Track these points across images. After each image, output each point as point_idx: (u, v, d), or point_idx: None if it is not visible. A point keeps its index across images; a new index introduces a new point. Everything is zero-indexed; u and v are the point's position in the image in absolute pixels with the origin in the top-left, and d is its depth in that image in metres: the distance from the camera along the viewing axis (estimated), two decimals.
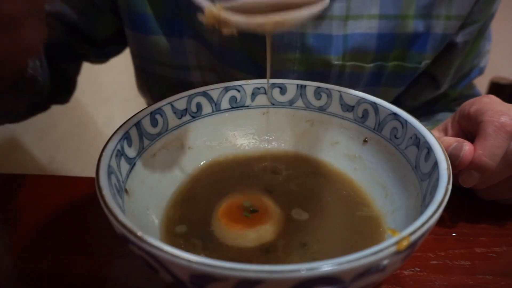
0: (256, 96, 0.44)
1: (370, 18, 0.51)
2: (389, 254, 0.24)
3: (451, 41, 0.56)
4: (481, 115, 0.39)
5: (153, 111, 0.39)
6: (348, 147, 0.42)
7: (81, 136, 1.07)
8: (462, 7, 0.52)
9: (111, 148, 0.33)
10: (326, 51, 0.52)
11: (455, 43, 0.56)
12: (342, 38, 0.52)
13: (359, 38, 0.52)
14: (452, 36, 0.55)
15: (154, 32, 0.55)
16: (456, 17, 0.52)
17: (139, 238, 0.25)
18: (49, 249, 0.39)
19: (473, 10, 0.53)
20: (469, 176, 0.38)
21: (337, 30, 0.51)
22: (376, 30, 0.52)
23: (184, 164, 0.41)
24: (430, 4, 0.51)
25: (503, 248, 0.39)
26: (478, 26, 0.55)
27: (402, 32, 0.52)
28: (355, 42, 0.52)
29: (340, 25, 0.51)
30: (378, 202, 0.38)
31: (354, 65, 0.54)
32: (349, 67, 0.54)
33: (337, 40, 0.52)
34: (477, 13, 0.54)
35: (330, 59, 0.52)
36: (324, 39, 0.51)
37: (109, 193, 0.29)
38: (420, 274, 0.36)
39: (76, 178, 0.48)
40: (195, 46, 0.55)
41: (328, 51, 0.52)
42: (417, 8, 0.51)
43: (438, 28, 0.52)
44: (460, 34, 0.55)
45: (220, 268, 0.23)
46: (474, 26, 0.55)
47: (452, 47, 0.56)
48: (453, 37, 0.55)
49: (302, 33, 0.51)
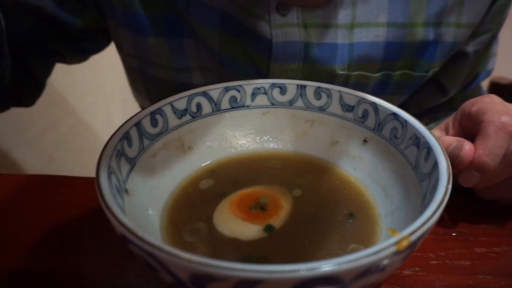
0: (256, 96, 0.44)
1: (377, 26, 0.49)
2: (389, 254, 0.24)
3: (462, 51, 0.54)
4: (482, 114, 0.39)
5: (153, 111, 0.39)
6: (348, 147, 0.42)
7: (81, 136, 1.07)
8: (473, 15, 0.50)
9: (111, 148, 0.33)
10: (331, 61, 0.51)
11: (466, 53, 0.55)
12: (347, 47, 0.50)
13: (366, 47, 0.50)
14: (463, 46, 0.54)
15: (152, 33, 0.53)
16: (466, 25, 0.51)
17: (139, 238, 0.25)
18: (49, 249, 0.39)
19: (484, 20, 0.52)
20: (469, 175, 0.38)
21: (342, 39, 0.49)
22: (383, 39, 0.50)
23: (184, 164, 0.41)
24: (441, 12, 0.50)
25: (503, 248, 0.39)
26: (490, 35, 0.54)
27: (411, 40, 0.50)
28: (361, 51, 0.50)
29: (346, 33, 0.49)
30: (378, 202, 0.38)
31: (359, 74, 0.52)
32: (354, 77, 0.52)
33: (342, 49, 0.50)
34: (488, 23, 0.52)
35: (334, 69, 0.51)
36: (328, 48, 0.50)
37: (109, 193, 0.29)
38: (420, 274, 0.36)
39: (76, 178, 0.48)
40: (195, 46, 0.53)
41: (333, 61, 0.50)
42: (427, 16, 0.50)
43: (448, 36, 0.51)
44: (471, 44, 0.54)
45: (220, 268, 0.23)
46: (486, 35, 0.54)
47: (463, 57, 0.55)
48: (464, 47, 0.54)
49: (306, 42, 0.49)
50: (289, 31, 0.48)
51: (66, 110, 1.01)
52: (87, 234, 0.41)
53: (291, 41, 0.49)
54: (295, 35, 0.49)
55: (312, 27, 0.49)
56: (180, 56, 0.55)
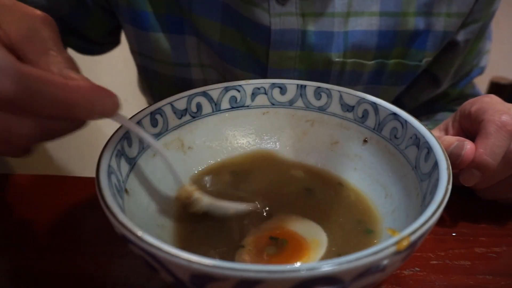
0: (256, 96, 0.44)
1: (370, 15, 0.51)
2: (389, 254, 0.24)
3: (453, 40, 0.56)
4: (482, 114, 0.39)
5: (153, 111, 0.39)
6: (348, 147, 0.42)
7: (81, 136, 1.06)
8: (462, 5, 0.52)
9: (111, 148, 0.33)
10: (327, 48, 0.52)
11: (456, 42, 0.56)
12: (343, 35, 0.52)
13: (360, 35, 0.52)
14: (454, 35, 0.55)
15: (155, 29, 0.55)
16: (456, 15, 0.52)
17: (139, 238, 0.25)
18: (49, 249, 0.39)
19: (474, 9, 0.53)
20: (470, 175, 0.38)
21: (338, 27, 0.51)
22: (376, 27, 0.52)
23: (184, 164, 0.41)
24: (431, 2, 0.51)
25: (503, 248, 0.39)
26: (480, 25, 0.55)
27: (403, 29, 0.52)
28: (356, 39, 0.52)
29: (341, 22, 0.51)
30: (378, 202, 0.38)
31: (355, 62, 0.54)
32: (350, 64, 0.54)
33: (338, 37, 0.52)
34: (478, 12, 0.54)
35: (331, 56, 0.52)
36: (325, 36, 0.51)
37: (109, 193, 0.29)
38: (420, 274, 0.36)
39: (76, 178, 0.48)
40: (196, 42, 0.55)
41: (329, 48, 0.52)
42: (417, 6, 0.51)
43: (439, 25, 0.53)
44: (462, 32, 0.55)
45: (220, 268, 0.23)
46: (476, 25, 0.55)
47: (454, 46, 0.56)
48: (455, 36, 0.55)
49: (303, 30, 0.51)
50: (287, 19, 0.50)
51: None
52: (87, 234, 0.41)
53: (289, 28, 0.51)
54: (293, 23, 0.50)
55: (309, 16, 0.50)
56: (182, 51, 0.56)
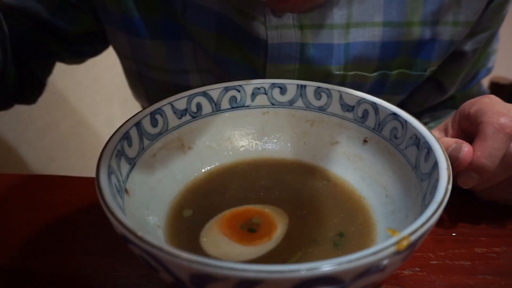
0: (256, 96, 0.44)
1: (373, 26, 0.49)
2: (389, 254, 0.24)
3: (460, 50, 0.54)
4: (481, 115, 0.38)
5: (153, 111, 0.39)
6: (348, 147, 0.42)
7: (81, 136, 1.07)
8: (470, 13, 0.50)
9: (111, 148, 0.33)
10: (327, 61, 0.50)
11: (464, 52, 0.54)
12: (343, 47, 0.50)
13: (362, 47, 0.50)
14: (461, 45, 0.53)
15: (149, 36, 0.53)
16: (464, 24, 0.50)
17: (139, 238, 0.25)
18: (49, 249, 0.39)
19: (482, 18, 0.51)
20: (468, 177, 0.38)
21: (338, 39, 0.49)
22: (379, 38, 0.50)
23: (184, 164, 0.41)
24: (438, 11, 0.49)
25: (503, 248, 0.39)
26: (489, 33, 0.54)
27: (407, 39, 0.50)
28: (357, 51, 0.50)
29: (342, 33, 0.49)
30: (378, 202, 0.38)
31: (356, 74, 0.52)
32: (351, 77, 0.52)
33: (338, 49, 0.50)
34: (487, 21, 0.52)
35: (331, 69, 0.51)
36: (324, 48, 0.50)
37: (109, 193, 0.29)
38: (420, 274, 0.36)
39: (76, 178, 0.48)
40: (192, 48, 0.53)
41: (329, 61, 0.50)
42: (423, 15, 0.49)
43: (445, 35, 0.51)
44: (470, 42, 0.54)
45: (220, 268, 0.23)
46: (484, 34, 0.54)
47: (461, 56, 0.55)
48: (462, 46, 0.54)
49: (302, 43, 0.49)
50: (284, 32, 0.48)
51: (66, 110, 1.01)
52: (87, 234, 0.41)
53: (287, 42, 0.49)
54: (290, 36, 0.49)
55: (307, 28, 0.49)
56: (177, 58, 0.54)
